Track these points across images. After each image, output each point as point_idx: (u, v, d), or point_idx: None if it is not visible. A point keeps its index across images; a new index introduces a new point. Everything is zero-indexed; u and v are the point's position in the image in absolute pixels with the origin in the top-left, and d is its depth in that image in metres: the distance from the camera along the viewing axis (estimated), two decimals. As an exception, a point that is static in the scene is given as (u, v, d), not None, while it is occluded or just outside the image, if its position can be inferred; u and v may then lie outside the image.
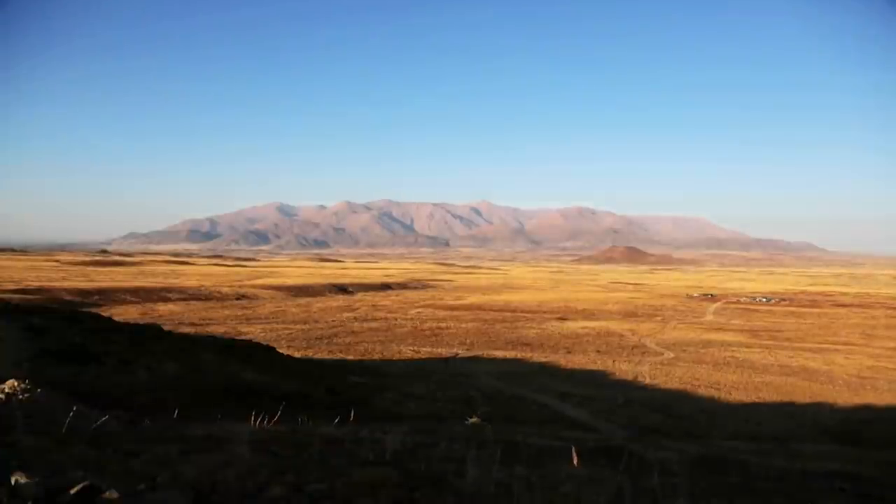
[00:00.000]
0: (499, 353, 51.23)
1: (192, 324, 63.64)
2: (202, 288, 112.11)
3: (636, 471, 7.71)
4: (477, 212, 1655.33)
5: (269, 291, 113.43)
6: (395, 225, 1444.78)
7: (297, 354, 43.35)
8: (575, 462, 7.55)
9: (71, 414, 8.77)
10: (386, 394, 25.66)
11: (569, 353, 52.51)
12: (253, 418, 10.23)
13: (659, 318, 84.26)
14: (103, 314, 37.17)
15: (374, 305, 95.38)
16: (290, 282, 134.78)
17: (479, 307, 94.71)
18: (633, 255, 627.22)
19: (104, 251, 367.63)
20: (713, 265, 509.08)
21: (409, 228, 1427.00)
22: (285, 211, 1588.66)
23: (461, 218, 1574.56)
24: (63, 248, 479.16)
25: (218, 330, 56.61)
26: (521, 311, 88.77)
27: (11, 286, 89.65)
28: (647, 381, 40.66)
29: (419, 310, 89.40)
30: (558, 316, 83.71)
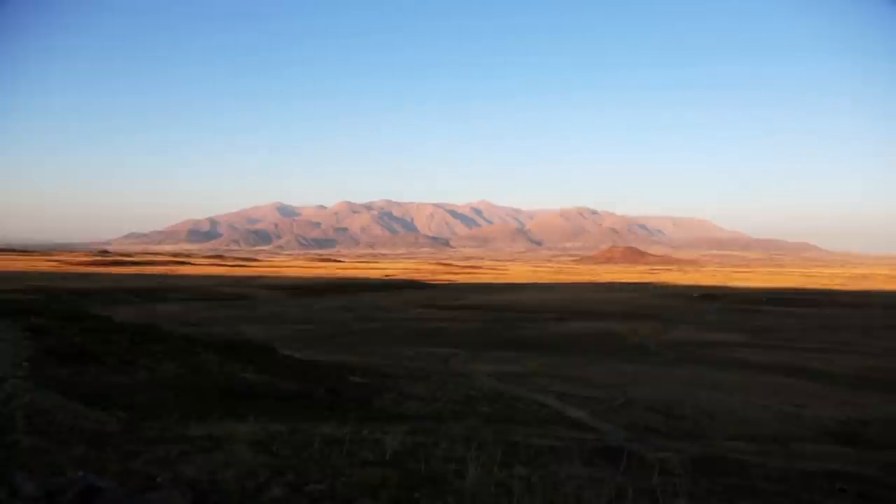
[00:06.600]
0: (499, 353, 51.20)
1: (192, 324, 63.58)
2: (202, 288, 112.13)
3: (636, 471, 7.71)
4: (477, 212, 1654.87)
5: (269, 291, 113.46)
6: (395, 225, 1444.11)
7: (297, 354, 43.22)
8: (575, 462, 7.54)
9: (71, 414, 8.79)
10: (386, 394, 25.63)
11: (569, 353, 52.49)
12: (253, 418, 10.24)
13: (659, 319, 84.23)
14: (103, 314, 37.15)
15: (374, 305, 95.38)
16: (290, 282, 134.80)
17: (479, 307, 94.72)
18: (633, 256, 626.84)
19: (104, 251, 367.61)
20: (713, 265, 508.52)
21: (410, 228, 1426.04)
22: (285, 211, 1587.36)
23: (461, 218, 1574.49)
24: (63, 248, 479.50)
25: (218, 330, 56.56)
26: (522, 311, 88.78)
27: (11, 286, 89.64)
28: (648, 381, 40.63)
29: (419, 310, 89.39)
30: (558, 316, 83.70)
